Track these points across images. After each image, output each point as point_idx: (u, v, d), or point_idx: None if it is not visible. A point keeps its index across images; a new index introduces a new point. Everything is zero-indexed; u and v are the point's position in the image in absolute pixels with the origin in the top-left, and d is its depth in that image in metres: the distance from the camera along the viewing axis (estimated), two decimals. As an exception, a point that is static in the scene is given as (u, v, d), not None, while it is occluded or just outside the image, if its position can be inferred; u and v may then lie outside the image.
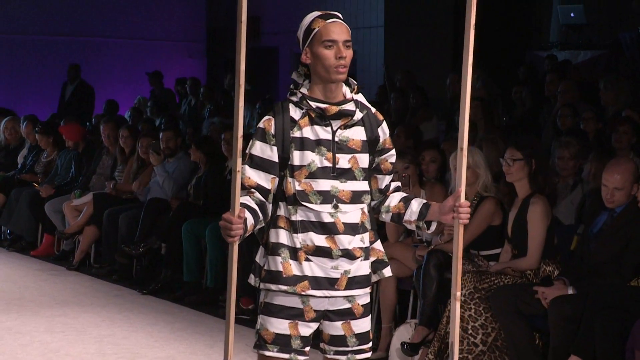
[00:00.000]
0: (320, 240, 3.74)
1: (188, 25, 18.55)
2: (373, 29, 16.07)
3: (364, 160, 3.81)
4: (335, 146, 3.75)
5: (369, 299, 3.91)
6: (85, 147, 11.07)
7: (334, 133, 3.76)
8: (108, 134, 10.45)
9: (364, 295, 3.86)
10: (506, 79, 12.62)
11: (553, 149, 7.65)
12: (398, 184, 4.01)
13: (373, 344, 6.88)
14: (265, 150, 3.74)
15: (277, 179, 3.76)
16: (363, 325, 3.87)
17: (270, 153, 3.73)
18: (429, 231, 3.95)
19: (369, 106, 3.87)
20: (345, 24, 3.77)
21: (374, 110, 3.88)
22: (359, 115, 3.79)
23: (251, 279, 3.86)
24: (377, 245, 3.92)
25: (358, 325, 3.85)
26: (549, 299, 5.73)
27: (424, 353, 6.23)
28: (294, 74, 3.84)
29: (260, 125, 3.77)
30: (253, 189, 3.73)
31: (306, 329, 3.78)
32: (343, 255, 3.76)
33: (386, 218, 3.98)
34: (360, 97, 3.83)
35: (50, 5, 17.26)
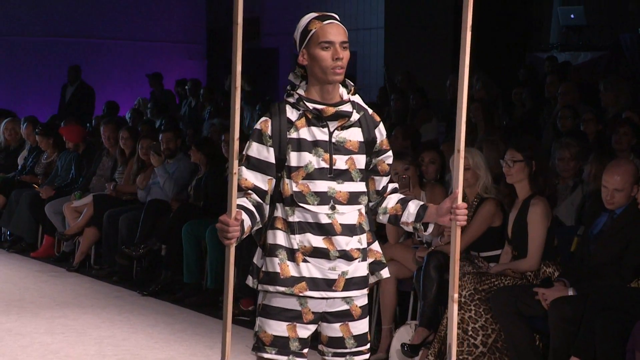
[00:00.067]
0: (317, 241, 3.73)
1: (188, 27, 18.56)
2: (373, 30, 16.08)
3: (361, 161, 3.80)
4: (332, 147, 3.75)
5: (367, 301, 3.91)
6: (85, 149, 11.07)
7: (330, 134, 3.76)
8: (108, 135, 10.45)
9: (361, 297, 3.86)
10: (506, 81, 12.63)
11: (553, 150, 7.65)
12: (395, 185, 4.01)
13: (373, 345, 6.92)
14: (262, 151, 3.73)
15: (274, 180, 3.76)
16: (361, 327, 3.87)
17: (267, 154, 3.73)
18: (425, 233, 3.94)
19: (366, 107, 3.86)
20: (342, 25, 3.77)
21: (370, 111, 3.88)
22: (356, 117, 3.79)
23: (249, 280, 3.86)
24: (375, 246, 3.92)
25: (356, 327, 3.85)
26: (549, 300, 5.72)
27: (424, 354, 6.23)
28: (291, 75, 3.83)
29: (257, 127, 3.77)
30: (250, 191, 3.72)
31: (304, 331, 3.78)
32: (340, 257, 3.75)
33: (383, 220, 3.98)
34: (357, 98, 3.83)
35: (51, 7, 17.27)
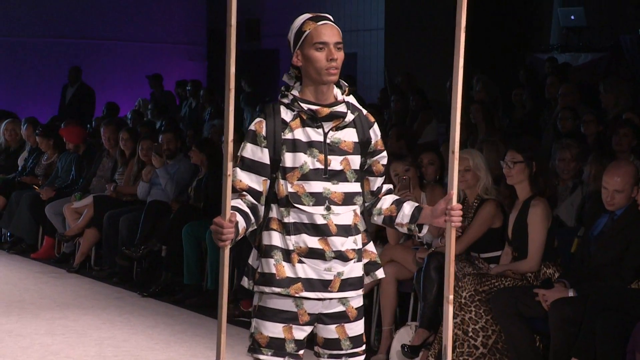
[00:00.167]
0: (313, 242, 3.73)
1: (189, 28, 18.56)
2: (373, 31, 16.08)
3: (355, 162, 3.80)
4: (327, 148, 3.75)
5: (362, 302, 3.90)
6: (85, 150, 11.08)
7: (325, 135, 3.76)
8: (108, 136, 10.45)
9: (357, 298, 3.85)
10: (506, 82, 12.62)
11: (553, 151, 7.65)
12: (390, 186, 4.01)
13: (374, 346, 6.92)
14: (256, 152, 3.73)
15: (269, 181, 3.75)
16: (357, 328, 3.87)
17: (261, 155, 3.73)
18: (420, 234, 3.94)
19: (360, 108, 3.86)
20: (336, 25, 3.77)
21: (365, 112, 3.88)
22: (350, 117, 3.78)
23: (244, 281, 3.86)
24: (370, 247, 3.91)
25: (352, 329, 3.85)
26: (550, 302, 5.72)
27: (425, 355, 6.23)
28: (285, 76, 3.83)
29: (252, 128, 3.76)
30: (245, 192, 3.72)
31: (300, 333, 3.78)
32: (336, 257, 3.75)
33: (378, 220, 3.97)
34: (351, 99, 3.83)
35: (51, 8, 17.26)
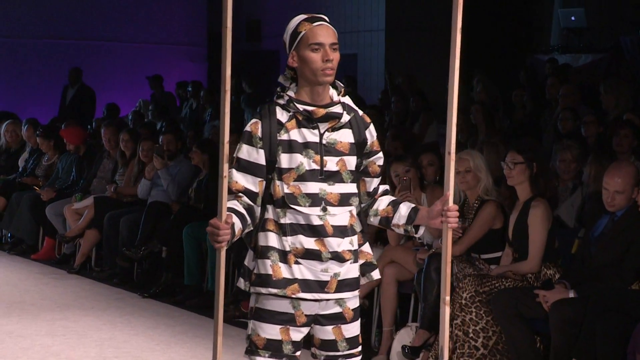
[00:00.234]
0: (309, 243, 3.73)
1: (189, 29, 18.57)
2: (374, 32, 16.09)
3: (351, 162, 3.81)
4: (322, 149, 3.75)
5: (359, 303, 3.91)
6: (86, 151, 11.07)
7: (321, 135, 3.76)
8: (109, 137, 10.45)
9: (353, 299, 3.86)
10: (507, 83, 12.63)
11: (554, 152, 7.65)
12: (386, 187, 4.01)
13: (374, 347, 6.92)
14: (252, 153, 3.73)
15: (265, 182, 3.75)
16: (353, 329, 3.87)
17: (257, 156, 3.73)
18: (416, 235, 3.95)
19: (356, 109, 3.87)
20: (331, 26, 3.77)
21: (361, 112, 3.88)
22: (346, 118, 3.79)
23: (240, 282, 3.86)
24: (366, 247, 3.92)
25: (348, 330, 3.85)
26: (550, 303, 5.72)
27: (425, 356, 6.23)
28: (281, 77, 3.84)
29: (247, 129, 3.77)
30: (240, 193, 3.73)
31: (297, 334, 3.78)
32: (332, 258, 3.75)
33: (374, 221, 3.98)
34: (347, 100, 3.83)
35: (52, 9, 17.27)
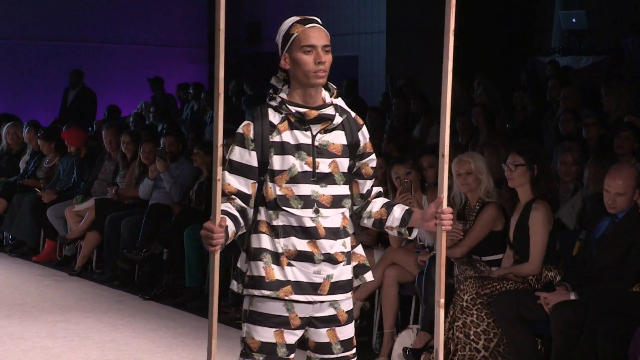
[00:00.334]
0: (302, 245, 3.73)
1: (190, 31, 18.58)
2: (375, 34, 16.09)
3: (344, 164, 3.81)
4: (315, 150, 3.75)
5: (352, 305, 3.91)
6: (87, 153, 11.08)
7: (313, 137, 3.76)
8: (110, 139, 10.46)
9: (347, 301, 3.86)
10: (508, 85, 12.62)
11: (555, 154, 7.65)
12: (380, 189, 4.01)
13: (375, 349, 6.92)
14: (244, 155, 3.73)
15: (257, 184, 3.75)
16: (347, 332, 3.87)
17: (249, 158, 3.73)
18: (410, 237, 3.95)
19: (349, 110, 3.86)
20: (324, 28, 3.77)
21: (353, 114, 3.88)
22: (338, 120, 3.79)
23: (233, 285, 3.86)
24: (359, 249, 3.92)
25: (342, 332, 3.85)
26: (551, 305, 5.72)
27: (426, 358, 6.23)
28: (273, 79, 3.84)
29: (240, 131, 3.77)
30: (233, 195, 3.73)
31: (291, 337, 3.79)
32: (325, 260, 3.76)
33: (368, 224, 3.97)
34: (339, 102, 3.83)
35: (53, 11, 17.27)
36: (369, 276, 3.94)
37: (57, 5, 17.36)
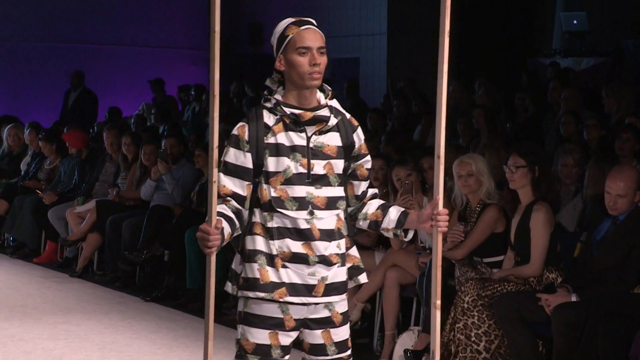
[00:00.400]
0: (296, 246, 3.73)
1: (191, 33, 18.57)
2: (376, 36, 16.08)
3: (339, 166, 3.80)
4: (309, 152, 3.75)
5: (347, 307, 3.90)
6: (88, 154, 11.09)
7: (308, 139, 3.75)
8: (111, 141, 10.46)
9: (341, 302, 3.85)
10: (509, 86, 12.62)
11: (556, 156, 7.64)
12: (375, 190, 4.01)
13: (376, 351, 6.92)
14: (239, 157, 3.73)
15: (252, 186, 3.75)
16: (342, 333, 3.87)
17: (244, 159, 3.72)
18: (406, 239, 3.94)
19: (344, 112, 3.86)
20: (319, 30, 3.76)
21: (348, 116, 3.88)
22: (333, 121, 3.78)
23: (228, 286, 3.86)
24: (353, 251, 3.91)
25: (337, 334, 3.85)
26: (552, 306, 5.72)
27: (427, 360, 6.23)
28: (268, 80, 3.83)
29: (234, 132, 3.76)
30: (229, 197, 3.72)
31: (286, 339, 3.78)
32: (320, 262, 3.75)
33: (363, 225, 3.97)
34: (334, 103, 3.82)
35: (54, 13, 17.28)
36: (363, 278, 3.93)
37: (58, 7, 17.37)
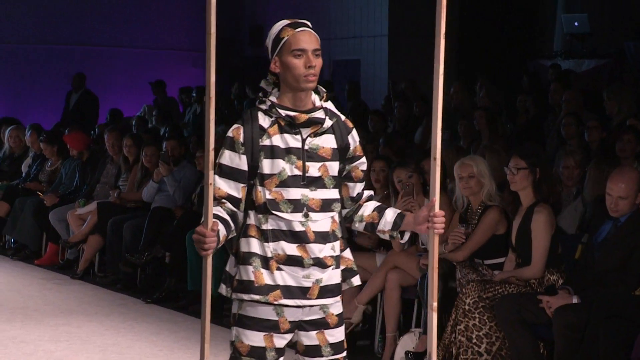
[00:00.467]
0: (291, 249, 3.73)
1: (192, 34, 18.58)
2: (377, 37, 16.09)
3: (334, 168, 3.79)
4: (305, 154, 3.74)
5: (342, 309, 3.90)
6: (89, 156, 11.09)
7: (303, 141, 3.75)
8: (112, 142, 10.46)
9: (336, 304, 3.85)
10: (510, 88, 12.62)
11: (557, 157, 7.64)
12: (371, 192, 4.00)
13: (377, 353, 6.92)
14: (234, 159, 3.72)
15: (247, 188, 3.75)
16: (338, 334, 3.86)
17: (239, 162, 3.71)
18: (402, 241, 3.93)
19: (339, 114, 3.85)
20: (314, 32, 3.75)
21: (343, 117, 3.87)
22: (328, 123, 3.78)
23: (222, 289, 3.86)
24: (347, 253, 3.91)
25: (333, 335, 3.84)
26: (554, 308, 5.72)
27: (428, 362, 6.22)
28: (263, 82, 3.82)
29: (229, 134, 3.75)
30: (224, 199, 3.71)
31: (281, 341, 3.78)
32: (314, 264, 3.74)
33: (359, 227, 3.97)
34: (329, 105, 3.82)
35: (55, 15, 17.29)
36: (356, 280, 3.93)
37: (59, 9, 17.38)
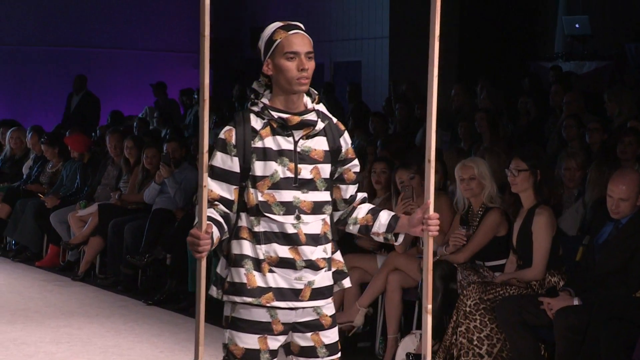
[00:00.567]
0: (283, 251, 3.73)
1: (193, 36, 18.57)
2: (378, 39, 16.09)
3: (326, 170, 3.80)
4: (297, 157, 3.74)
5: (335, 310, 3.90)
6: (90, 158, 11.09)
7: (295, 143, 3.75)
8: (114, 144, 10.46)
9: (328, 306, 3.85)
10: (511, 90, 12.62)
11: (559, 159, 7.64)
12: (364, 195, 4.01)
13: (378, 355, 6.92)
14: (226, 161, 3.72)
15: (239, 190, 3.75)
16: (332, 335, 3.86)
17: (231, 164, 3.71)
18: (396, 243, 3.94)
19: (330, 116, 3.86)
20: (307, 35, 3.76)
21: (335, 120, 3.88)
22: (320, 125, 3.78)
23: (212, 290, 3.83)
24: (337, 256, 3.91)
25: (327, 336, 3.84)
26: (555, 310, 5.72)
27: (429, 364, 6.22)
28: (255, 84, 3.82)
29: (221, 136, 3.75)
30: (217, 202, 3.71)
31: (275, 342, 3.78)
32: (307, 266, 3.75)
33: (353, 230, 3.97)
34: (321, 107, 3.82)
35: (56, 17, 17.31)
36: (347, 282, 3.94)
37: (60, 11, 17.40)
